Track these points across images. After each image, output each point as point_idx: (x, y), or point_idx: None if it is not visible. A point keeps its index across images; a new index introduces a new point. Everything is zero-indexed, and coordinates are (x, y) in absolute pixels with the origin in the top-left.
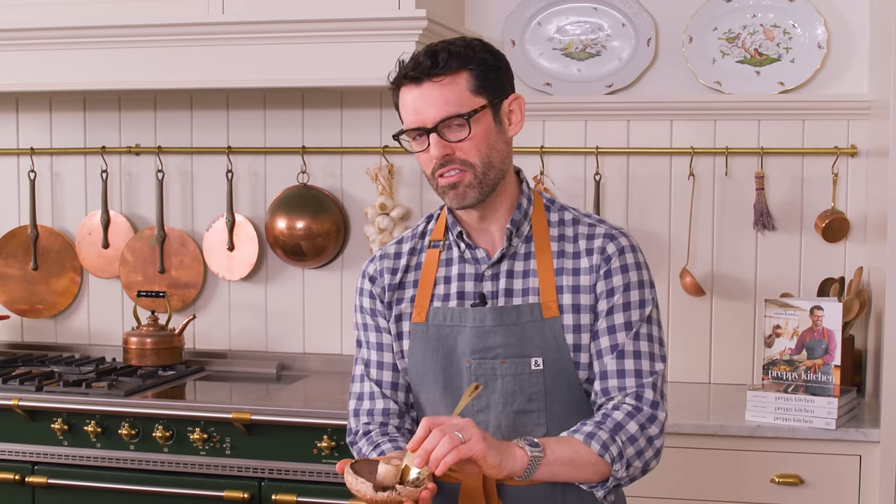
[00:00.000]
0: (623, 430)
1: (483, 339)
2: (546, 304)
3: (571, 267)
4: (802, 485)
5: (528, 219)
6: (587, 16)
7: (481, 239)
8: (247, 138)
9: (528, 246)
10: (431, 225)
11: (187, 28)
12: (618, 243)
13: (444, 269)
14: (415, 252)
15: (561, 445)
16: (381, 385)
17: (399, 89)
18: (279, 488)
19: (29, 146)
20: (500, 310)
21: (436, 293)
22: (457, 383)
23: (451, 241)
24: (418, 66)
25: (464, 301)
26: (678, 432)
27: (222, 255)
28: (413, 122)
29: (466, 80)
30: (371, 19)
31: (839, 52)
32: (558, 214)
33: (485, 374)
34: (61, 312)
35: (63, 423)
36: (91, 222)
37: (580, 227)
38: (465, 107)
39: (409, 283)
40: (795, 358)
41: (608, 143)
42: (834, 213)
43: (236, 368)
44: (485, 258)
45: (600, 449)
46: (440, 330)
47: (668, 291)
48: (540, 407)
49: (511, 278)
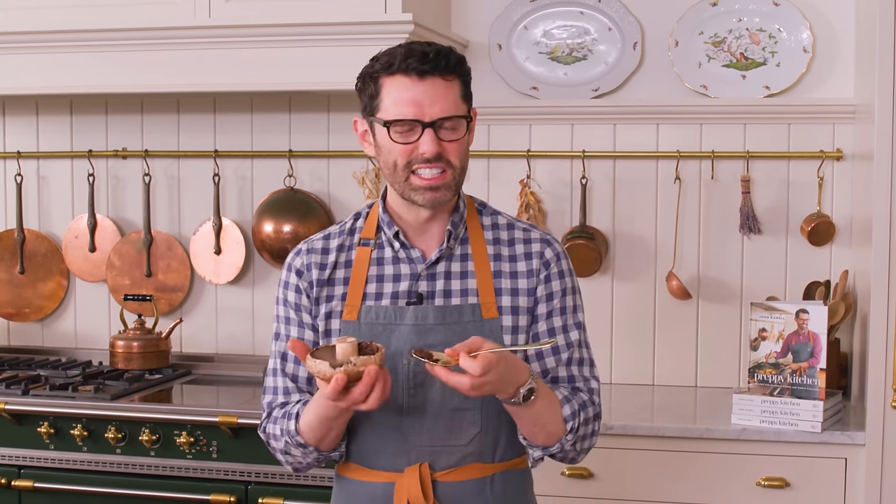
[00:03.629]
0: (585, 409)
1: (423, 337)
2: (485, 305)
3: (509, 270)
4: (788, 488)
5: (463, 221)
6: (573, 20)
7: (417, 240)
8: (234, 142)
9: (464, 248)
10: (360, 223)
11: (174, 32)
12: (554, 248)
13: (376, 268)
14: (343, 249)
15: (548, 396)
16: (297, 380)
17: (385, 77)
18: (266, 492)
19: (15, 150)
20: (443, 308)
21: (367, 292)
22: (389, 381)
23: (384, 241)
24: (427, 60)
25: (397, 300)
26: (664, 435)
27: (209, 259)
28: (410, 114)
29: (459, 85)
30: (357, 23)
31: (824, 57)
32: (491, 218)
33: (423, 371)
34: (48, 316)
35: (49, 427)
36: (78, 226)
37: (516, 231)
38: (461, 110)
39: (338, 281)
40: (781, 361)
41: (594, 146)
42: (819, 216)
43: (223, 372)
44: (420, 258)
45: (569, 415)
46: (373, 328)
47: (655, 295)
48: (475, 405)
49: (448, 279)
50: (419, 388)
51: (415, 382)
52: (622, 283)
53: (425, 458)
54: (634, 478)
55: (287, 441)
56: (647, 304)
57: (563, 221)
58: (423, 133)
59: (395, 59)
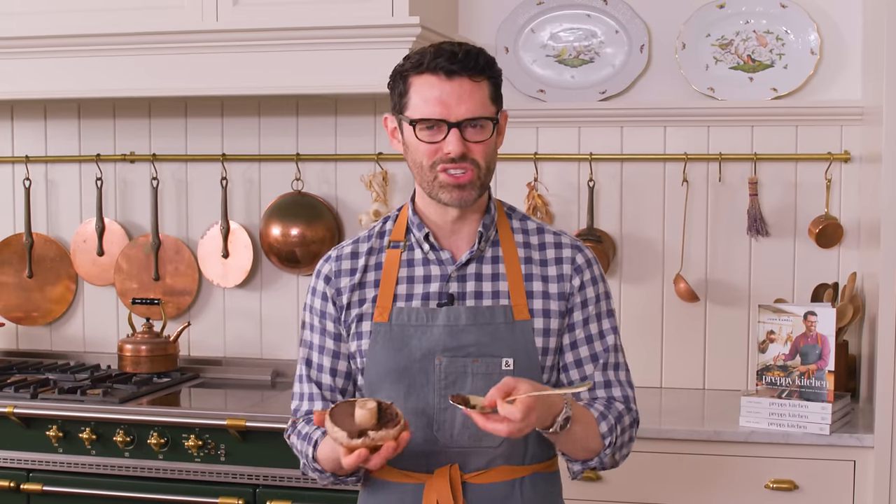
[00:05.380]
0: (621, 421)
1: (456, 337)
2: (517, 307)
3: (540, 273)
4: (796, 490)
5: (494, 223)
6: (580, 22)
7: (447, 241)
8: (241, 145)
9: (494, 250)
10: (389, 225)
11: (181, 36)
12: (585, 255)
13: (406, 270)
14: (373, 252)
15: (584, 418)
16: (322, 387)
17: (414, 76)
18: (274, 495)
19: (24, 154)
20: (475, 309)
21: (398, 293)
22: (420, 381)
23: (413, 243)
24: (456, 59)
25: (428, 301)
26: (672, 438)
27: (217, 263)
28: (436, 114)
29: (488, 87)
30: (365, 26)
31: (832, 58)
32: (520, 223)
33: (455, 372)
34: (56, 320)
35: (58, 431)
36: (86, 230)
37: (546, 236)
38: (489, 112)
39: (369, 283)
40: (789, 363)
41: (602, 149)
42: (827, 218)
43: (231, 375)
44: (449, 260)
45: (606, 431)
46: (405, 330)
47: (663, 297)
48: None
49: (479, 281)
50: (450, 388)
51: (446, 384)
52: (630, 285)
53: (455, 460)
54: (642, 480)
55: (305, 463)
56: (654, 307)
57: (571, 224)
58: (448, 133)
59: (424, 58)
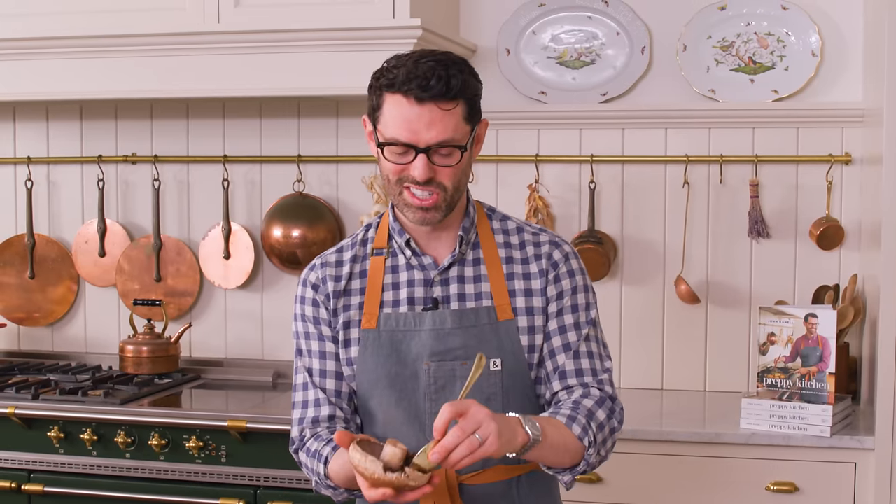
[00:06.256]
0: (594, 417)
1: (443, 341)
2: (500, 307)
3: (521, 272)
4: (797, 492)
5: (474, 226)
6: (582, 24)
7: (429, 246)
8: (243, 147)
9: (475, 252)
10: (371, 233)
11: (183, 37)
12: (563, 249)
13: (391, 276)
14: (357, 260)
15: (554, 428)
16: (326, 392)
17: (387, 93)
18: (275, 496)
19: (26, 155)
20: (460, 312)
21: (384, 299)
22: (411, 387)
23: (396, 249)
24: (427, 87)
25: (414, 306)
26: (673, 440)
27: (218, 264)
28: (404, 138)
29: (463, 108)
30: (366, 28)
31: (833, 60)
32: (500, 223)
33: (444, 376)
34: (58, 321)
35: (59, 431)
36: (87, 231)
37: (525, 234)
38: (460, 134)
39: (354, 291)
40: (790, 365)
41: (603, 151)
42: (828, 220)
43: (232, 376)
44: (432, 264)
45: (581, 433)
46: (393, 335)
47: (664, 299)
48: (497, 407)
49: (462, 283)
50: (440, 392)
51: (436, 387)
52: (631, 287)
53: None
54: (643, 482)
55: (318, 481)
56: (655, 309)
57: (572, 226)
58: (416, 157)
59: (398, 78)
